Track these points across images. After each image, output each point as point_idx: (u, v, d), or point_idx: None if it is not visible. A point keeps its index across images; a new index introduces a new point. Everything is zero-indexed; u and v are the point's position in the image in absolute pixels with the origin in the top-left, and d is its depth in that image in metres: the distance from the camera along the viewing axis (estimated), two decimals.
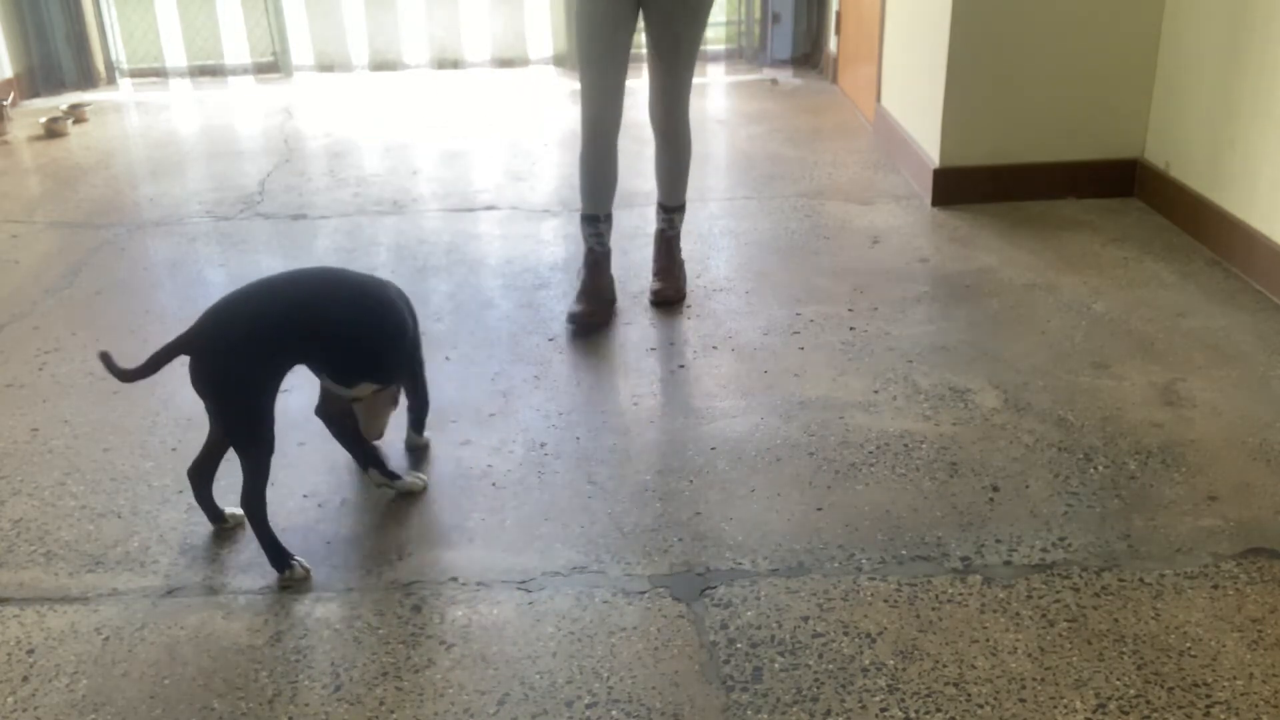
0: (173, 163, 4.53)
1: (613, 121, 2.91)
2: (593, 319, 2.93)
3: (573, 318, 2.93)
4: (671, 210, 3.11)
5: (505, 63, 6.08)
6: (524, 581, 1.93)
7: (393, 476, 2.20)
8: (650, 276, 3.14)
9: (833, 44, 5.50)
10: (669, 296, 3.05)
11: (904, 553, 1.97)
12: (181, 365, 2.29)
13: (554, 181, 4.15)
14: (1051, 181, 3.68)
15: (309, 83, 5.93)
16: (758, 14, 5.91)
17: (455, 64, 6.09)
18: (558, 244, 3.52)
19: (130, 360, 1.91)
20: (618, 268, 3.27)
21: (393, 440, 2.36)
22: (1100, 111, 3.60)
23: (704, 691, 1.67)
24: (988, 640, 1.75)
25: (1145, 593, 1.85)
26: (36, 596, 1.93)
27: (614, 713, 1.64)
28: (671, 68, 2.89)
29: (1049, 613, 1.81)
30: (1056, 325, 2.82)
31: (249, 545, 2.04)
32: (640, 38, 2.94)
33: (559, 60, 6.05)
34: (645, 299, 3.05)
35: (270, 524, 1.97)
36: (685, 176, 3.08)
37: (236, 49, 6.14)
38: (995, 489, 2.15)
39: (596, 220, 3.01)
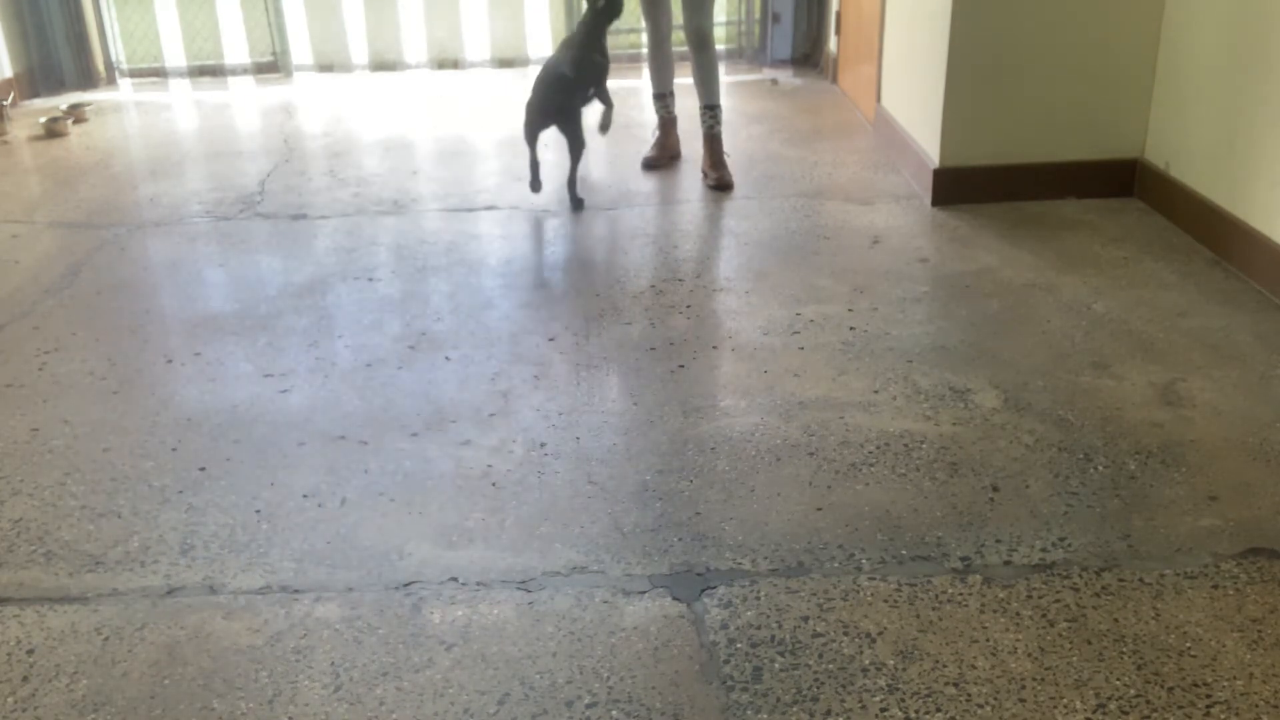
0: (173, 163, 4.53)
1: (666, 30, 4.13)
2: (657, 162, 4.25)
3: (645, 162, 4.26)
4: (710, 108, 4.06)
5: (505, 63, 6.08)
6: (524, 581, 1.93)
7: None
8: (703, 171, 4.08)
9: (833, 44, 5.50)
10: (724, 182, 3.97)
11: (904, 553, 1.97)
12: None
13: (554, 181, 4.14)
14: (1051, 181, 3.68)
15: (309, 83, 5.93)
16: (758, 14, 5.91)
17: (455, 64, 6.09)
18: (558, 244, 3.52)
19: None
20: (617, 266, 3.28)
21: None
22: (1100, 111, 3.61)
23: (704, 691, 1.67)
24: (988, 640, 1.76)
25: (1145, 593, 1.85)
26: (36, 596, 1.93)
27: (614, 713, 1.64)
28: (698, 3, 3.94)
29: (1049, 613, 1.81)
30: (1056, 325, 2.82)
31: (249, 545, 2.04)
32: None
33: None
34: (645, 299, 3.05)
35: None
36: (716, 80, 4.05)
37: (236, 49, 6.15)
38: (995, 489, 2.15)
39: (663, 96, 4.26)
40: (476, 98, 5.52)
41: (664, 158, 4.28)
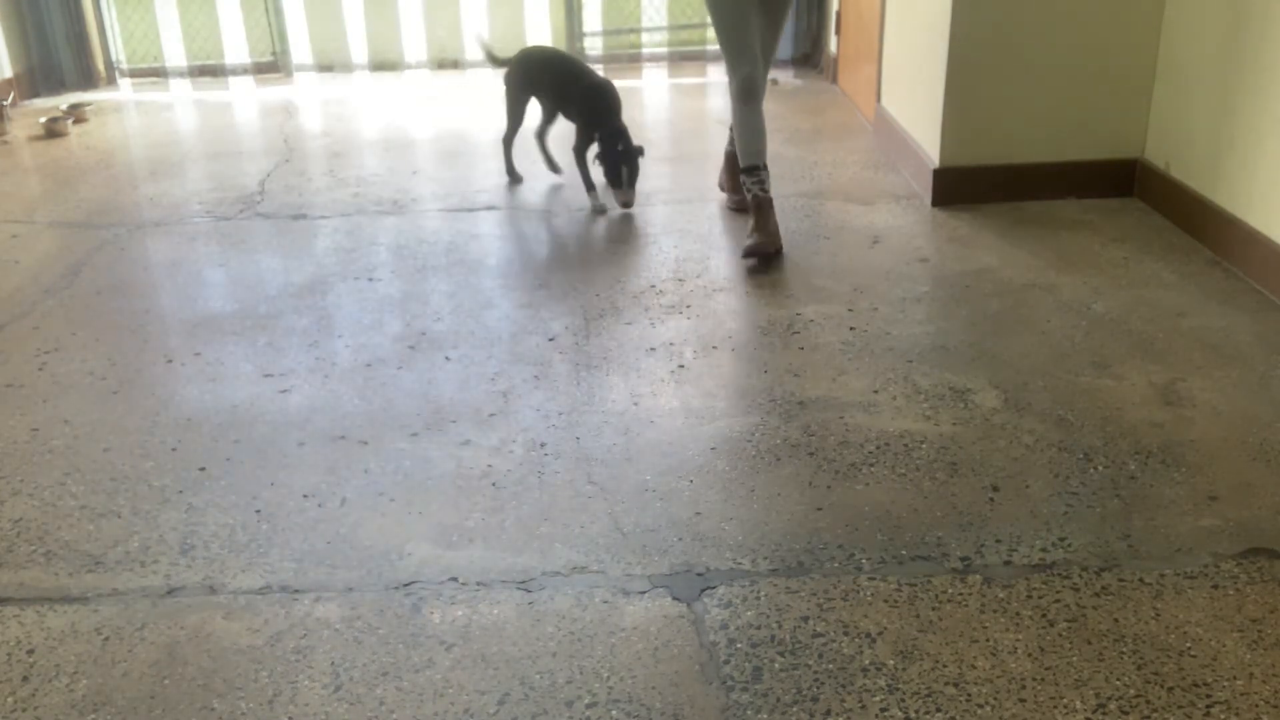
0: (173, 163, 4.53)
1: (760, 75, 3.36)
2: (766, 248, 3.27)
3: (749, 251, 3.26)
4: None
5: (505, 63, 6.07)
6: (524, 581, 1.93)
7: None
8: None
9: (833, 44, 5.50)
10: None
11: (904, 553, 1.97)
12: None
13: (554, 180, 4.15)
14: (1051, 181, 3.68)
15: (309, 83, 5.93)
16: None
17: (455, 64, 6.10)
18: (558, 244, 3.52)
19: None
20: (617, 266, 3.28)
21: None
22: (1100, 111, 3.61)
23: (704, 691, 1.67)
24: (988, 640, 1.76)
25: (1145, 593, 1.85)
26: (36, 596, 1.93)
27: (614, 713, 1.64)
28: (773, 48, 3.45)
29: (1049, 613, 1.81)
30: (1056, 325, 2.82)
31: (249, 545, 2.04)
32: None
33: None
34: (645, 299, 3.05)
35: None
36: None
37: (236, 49, 6.15)
38: (995, 489, 2.15)
39: (758, 169, 3.37)
40: (476, 98, 5.52)
41: (769, 243, 3.28)
